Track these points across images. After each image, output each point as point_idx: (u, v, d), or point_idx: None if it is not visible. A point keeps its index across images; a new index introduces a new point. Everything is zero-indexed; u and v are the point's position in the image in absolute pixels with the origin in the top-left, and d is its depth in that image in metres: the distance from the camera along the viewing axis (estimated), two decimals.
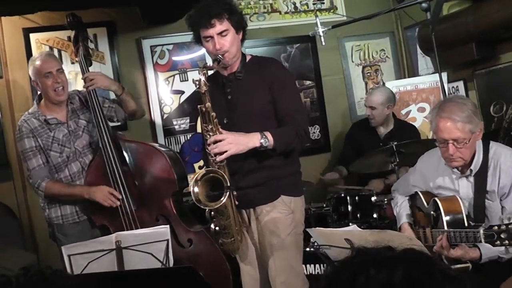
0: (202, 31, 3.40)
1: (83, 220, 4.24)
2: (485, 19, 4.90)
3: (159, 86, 5.66)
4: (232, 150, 3.26)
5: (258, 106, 3.47)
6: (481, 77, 5.41)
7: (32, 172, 4.14)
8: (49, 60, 4.22)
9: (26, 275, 1.44)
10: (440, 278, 1.26)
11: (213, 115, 3.27)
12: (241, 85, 3.52)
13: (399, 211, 3.69)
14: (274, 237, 3.50)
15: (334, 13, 6.22)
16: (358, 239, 2.89)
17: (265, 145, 3.31)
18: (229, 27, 3.40)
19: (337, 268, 1.34)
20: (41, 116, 4.18)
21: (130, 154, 4.26)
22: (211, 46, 3.41)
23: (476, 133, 3.17)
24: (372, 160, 4.89)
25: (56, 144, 4.17)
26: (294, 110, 3.49)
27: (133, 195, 4.16)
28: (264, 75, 3.51)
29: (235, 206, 3.43)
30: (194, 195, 3.23)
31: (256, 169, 3.48)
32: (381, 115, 5.34)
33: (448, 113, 3.16)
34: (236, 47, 3.47)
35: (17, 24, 5.22)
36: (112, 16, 5.50)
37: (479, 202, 3.23)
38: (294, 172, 3.64)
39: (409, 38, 6.26)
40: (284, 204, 3.52)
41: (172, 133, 5.69)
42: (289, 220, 3.51)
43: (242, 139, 3.31)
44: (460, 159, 3.20)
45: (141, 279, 2.82)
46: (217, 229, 3.45)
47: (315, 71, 6.18)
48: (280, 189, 3.52)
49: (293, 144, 3.44)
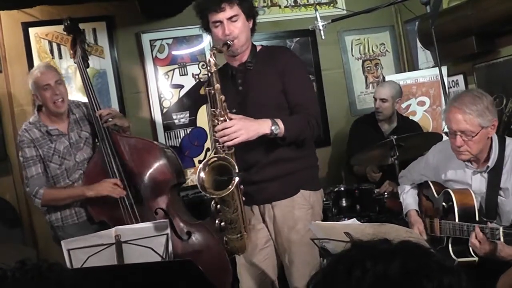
0: (212, 15, 3.26)
1: (82, 221, 4.25)
2: (484, 12, 4.89)
3: (159, 81, 5.66)
4: (243, 137, 3.06)
5: (270, 96, 3.34)
6: (481, 70, 5.40)
7: (30, 180, 4.14)
8: (47, 72, 4.19)
9: (22, 269, 1.44)
10: (437, 270, 1.26)
11: (222, 98, 3.08)
12: (252, 75, 3.38)
13: (406, 198, 3.69)
14: (294, 234, 3.38)
15: (334, 7, 6.22)
16: (358, 232, 2.88)
17: (276, 132, 3.13)
18: (239, 13, 3.27)
19: (333, 261, 1.33)
20: (42, 127, 4.19)
21: (128, 149, 4.27)
22: (220, 31, 3.26)
23: (487, 129, 3.15)
24: (372, 154, 4.88)
25: (57, 156, 4.18)
26: (306, 100, 3.35)
27: (131, 190, 4.17)
28: (275, 64, 3.37)
29: (243, 200, 3.23)
30: (200, 182, 3.00)
31: (273, 162, 3.33)
32: (390, 109, 5.30)
33: (459, 104, 3.15)
34: (245, 34, 3.35)
35: (16, 18, 5.21)
36: (112, 11, 5.49)
37: (491, 198, 3.22)
38: (312, 166, 3.51)
39: (409, 32, 6.25)
40: (304, 198, 3.40)
41: (172, 127, 5.68)
42: (309, 216, 3.38)
43: (252, 124, 3.11)
44: (468, 152, 3.19)
45: (139, 272, 2.82)
46: (222, 224, 3.22)
47: (315, 65, 6.18)
48: (299, 183, 3.39)
49: (304, 133, 3.26)
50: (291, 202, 3.38)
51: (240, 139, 3.06)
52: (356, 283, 1.25)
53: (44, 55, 5.29)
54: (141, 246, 3.28)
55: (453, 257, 3.23)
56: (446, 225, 3.30)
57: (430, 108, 5.69)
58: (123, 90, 5.54)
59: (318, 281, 1.34)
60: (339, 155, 5.93)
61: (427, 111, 5.67)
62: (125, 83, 5.56)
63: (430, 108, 5.69)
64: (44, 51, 5.29)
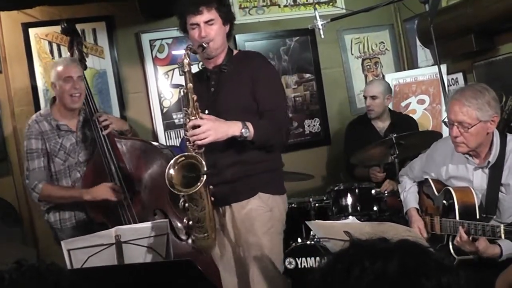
0: (189, 17, 3.38)
1: (80, 224, 4.24)
2: (484, 10, 4.88)
3: (159, 80, 5.65)
4: (211, 138, 3.14)
5: (240, 100, 3.40)
6: (480, 68, 5.40)
7: (31, 172, 4.14)
8: (72, 66, 4.22)
9: (19, 270, 1.43)
10: (435, 268, 1.26)
11: (194, 98, 3.20)
12: (225, 78, 3.47)
13: (407, 196, 3.69)
14: (250, 236, 3.40)
15: (333, 6, 6.21)
16: (357, 231, 2.89)
17: (245, 135, 3.19)
18: (216, 17, 3.38)
19: (332, 260, 1.33)
20: (53, 120, 4.20)
21: (126, 151, 4.28)
22: (196, 33, 3.38)
23: (486, 123, 3.18)
24: (372, 152, 4.87)
25: (62, 152, 4.19)
26: (276, 107, 3.40)
27: (130, 190, 4.17)
28: (249, 69, 3.45)
29: (211, 199, 3.29)
30: (168, 178, 3.10)
31: (232, 164, 3.38)
32: (381, 106, 5.30)
33: (460, 96, 3.21)
34: (221, 38, 3.43)
35: (16, 18, 5.20)
36: (111, 11, 5.49)
37: (492, 195, 3.24)
38: (273, 169, 3.52)
39: (408, 30, 6.25)
40: (262, 201, 3.42)
41: (172, 127, 5.68)
42: (266, 218, 3.41)
43: (222, 126, 3.18)
44: (464, 144, 3.21)
45: (138, 272, 2.82)
46: (190, 223, 3.30)
47: (314, 64, 6.17)
48: (258, 185, 3.42)
49: (272, 139, 3.34)
50: (248, 204, 3.41)
51: (209, 140, 3.13)
52: (355, 281, 1.26)
53: (44, 56, 5.28)
54: (142, 246, 3.28)
55: (453, 255, 3.23)
56: (446, 223, 3.30)
57: (430, 106, 5.69)
58: (123, 90, 5.54)
59: (317, 280, 1.34)
60: (339, 153, 5.93)
61: (427, 109, 5.67)
62: (125, 83, 5.55)
63: (430, 106, 5.69)
64: (44, 52, 5.29)
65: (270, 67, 3.66)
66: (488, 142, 3.26)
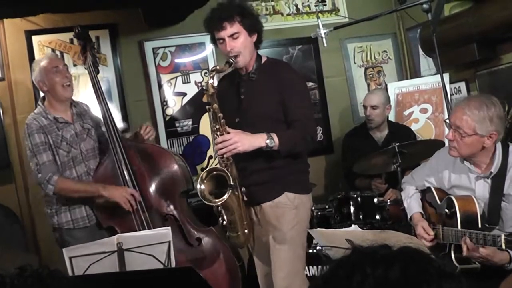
0: (215, 33, 3.55)
1: (93, 224, 4.24)
2: (486, 19, 4.90)
3: (162, 88, 5.67)
4: (238, 149, 3.39)
5: (268, 108, 3.59)
6: (483, 77, 5.40)
7: (42, 166, 4.08)
8: (55, 58, 4.35)
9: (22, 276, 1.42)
10: (436, 275, 1.26)
11: (220, 116, 3.41)
12: (254, 86, 3.64)
13: (410, 202, 3.69)
14: (276, 231, 3.61)
15: (336, 15, 6.22)
16: (359, 239, 2.88)
17: (271, 145, 3.43)
18: (240, 30, 3.52)
19: (333, 266, 1.33)
20: (49, 114, 4.20)
21: (139, 155, 4.29)
22: (223, 47, 3.55)
23: (482, 137, 3.17)
24: (375, 161, 4.87)
25: (65, 143, 4.19)
26: (304, 116, 3.57)
27: (142, 195, 4.17)
28: (276, 78, 3.59)
29: (243, 202, 3.55)
30: (200, 192, 3.40)
31: (260, 169, 3.59)
32: (382, 116, 5.32)
33: (466, 103, 3.24)
34: (248, 50, 3.57)
35: (19, 26, 5.22)
36: (115, 18, 5.50)
37: (494, 204, 3.24)
38: (299, 171, 3.72)
39: (411, 39, 6.26)
40: (287, 199, 3.62)
41: (175, 135, 5.68)
42: (291, 215, 3.61)
43: (248, 138, 3.43)
44: (455, 150, 3.25)
45: (139, 280, 2.82)
46: (224, 223, 3.60)
47: (317, 72, 6.18)
48: (284, 186, 3.62)
49: (297, 147, 3.55)
50: (275, 203, 3.63)
51: (235, 151, 3.40)
52: (357, 287, 1.26)
53: None
54: (143, 253, 3.28)
55: (455, 264, 3.23)
56: (448, 231, 3.30)
57: (432, 115, 5.69)
58: (126, 98, 5.55)
59: (319, 286, 1.34)
60: None
61: (429, 118, 5.68)
62: (128, 91, 5.56)
63: (432, 115, 5.69)
64: None
65: (297, 76, 3.79)
66: (489, 153, 3.26)
